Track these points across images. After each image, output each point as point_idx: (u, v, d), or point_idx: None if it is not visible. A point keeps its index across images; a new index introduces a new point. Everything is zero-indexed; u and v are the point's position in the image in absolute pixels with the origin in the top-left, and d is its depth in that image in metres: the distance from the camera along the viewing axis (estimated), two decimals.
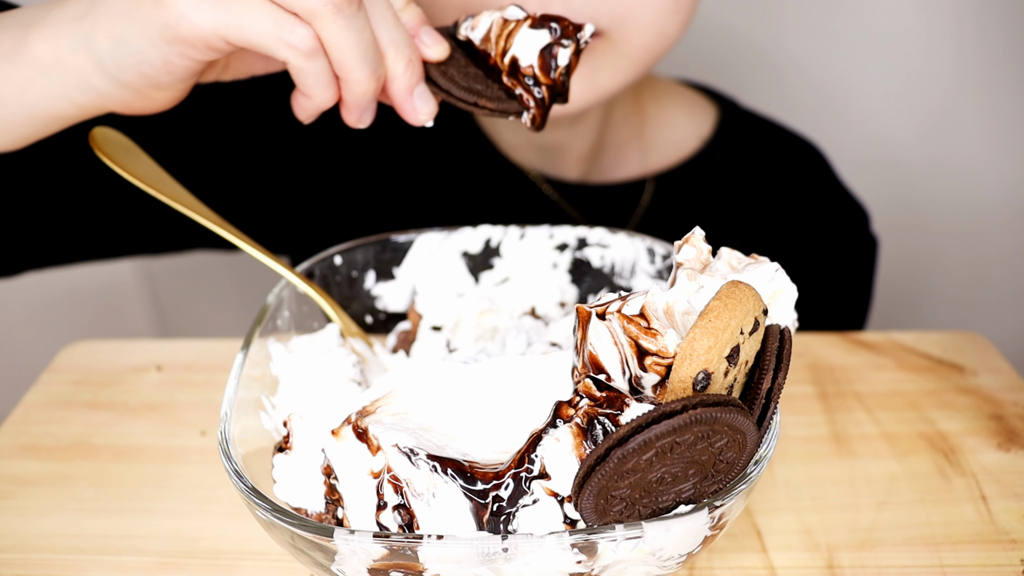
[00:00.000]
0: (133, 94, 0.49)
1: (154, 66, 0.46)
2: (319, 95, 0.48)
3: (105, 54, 0.46)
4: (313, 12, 0.43)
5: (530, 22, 0.51)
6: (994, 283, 1.38)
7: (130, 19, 0.45)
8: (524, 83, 0.51)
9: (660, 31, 0.66)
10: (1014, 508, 0.53)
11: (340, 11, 0.44)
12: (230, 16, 0.43)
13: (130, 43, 0.45)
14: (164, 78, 0.47)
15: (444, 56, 0.51)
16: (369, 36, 0.46)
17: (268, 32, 0.44)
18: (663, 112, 0.87)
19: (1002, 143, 1.27)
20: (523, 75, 0.51)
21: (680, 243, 0.42)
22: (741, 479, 0.38)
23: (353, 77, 0.46)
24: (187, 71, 0.47)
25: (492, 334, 0.59)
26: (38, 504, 0.54)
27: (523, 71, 0.51)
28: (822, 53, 1.23)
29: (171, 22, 0.44)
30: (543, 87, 0.51)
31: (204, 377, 0.66)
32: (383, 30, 0.47)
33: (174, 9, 0.43)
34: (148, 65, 0.46)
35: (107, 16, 0.46)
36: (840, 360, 0.67)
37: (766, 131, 0.91)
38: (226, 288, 1.43)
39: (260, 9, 0.43)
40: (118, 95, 0.49)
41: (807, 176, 0.90)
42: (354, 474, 0.42)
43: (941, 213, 1.33)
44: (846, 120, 1.28)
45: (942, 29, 1.20)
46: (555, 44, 0.50)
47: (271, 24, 0.44)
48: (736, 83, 1.11)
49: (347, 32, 0.44)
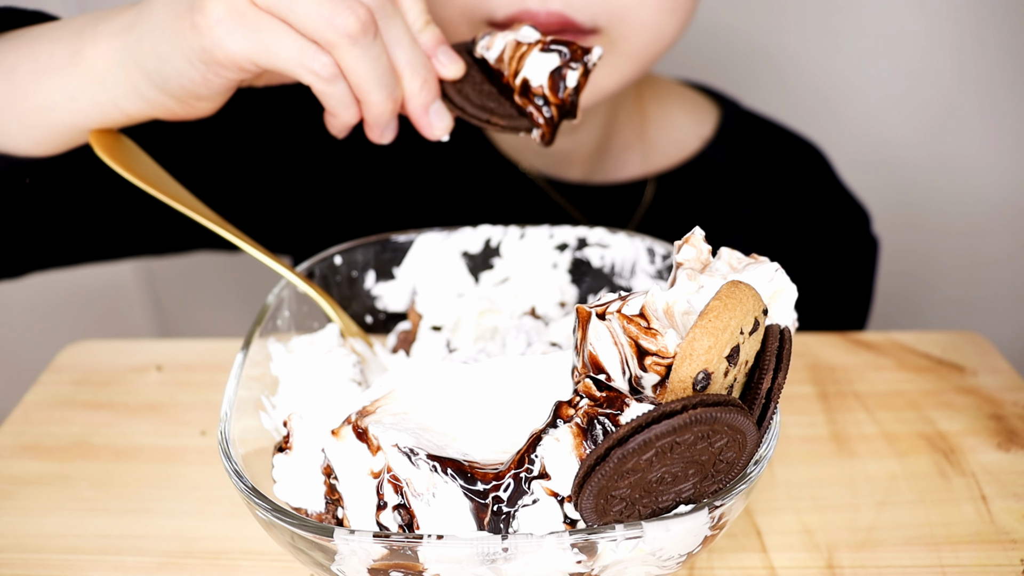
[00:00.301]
0: (177, 103, 0.53)
1: (194, 81, 0.51)
2: (342, 114, 0.52)
3: (151, 68, 0.51)
4: (332, 43, 0.48)
5: (540, 46, 0.53)
6: (994, 283, 1.38)
7: (172, 40, 0.49)
8: (535, 102, 0.54)
9: (658, 30, 0.66)
10: (1014, 508, 0.53)
11: (356, 42, 0.48)
12: (259, 43, 0.48)
13: (172, 61, 0.50)
14: (204, 91, 0.52)
15: (460, 75, 0.54)
16: (385, 62, 0.50)
17: (293, 59, 0.48)
18: (665, 112, 0.87)
19: (1002, 143, 1.27)
20: (534, 95, 0.54)
21: (680, 243, 0.42)
22: (741, 479, 0.38)
23: (371, 100, 0.51)
24: (223, 86, 0.52)
25: (492, 334, 0.59)
26: (38, 504, 0.54)
27: (534, 91, 0.54)
28: (822, 53, 1.23)
29: (207, 46, 0.48)
30: (552, 106, 0.54)
31: (204, 377, 0.66)
32: (400, 53, 0.51)
33: (209, 35, 0.48)
34: (188, 80, 0.51)
35: (151, 33, 0.50)
36: (840, 360, 0.67)
37: (767, 132, 0.91)
38: (226, 288, 1.43)
39: (286, 38, 0.48)
40: (164, 103, 0.53)
41: (808, 177, 0.90)
42: (354, 474, 0.42)
43: (941, 213, 1.33)
44: (846, 120, 1.28)
45: (942, 29, 1.20)
46: (564, 67, 0.53)
47: (296, 52, 0.48)
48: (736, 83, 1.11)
49: (363, 60, 0.49)
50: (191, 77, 0.51)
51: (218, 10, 0.48)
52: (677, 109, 0.88)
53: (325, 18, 0.47)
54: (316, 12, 0.47)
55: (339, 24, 0.47)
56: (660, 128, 0.87)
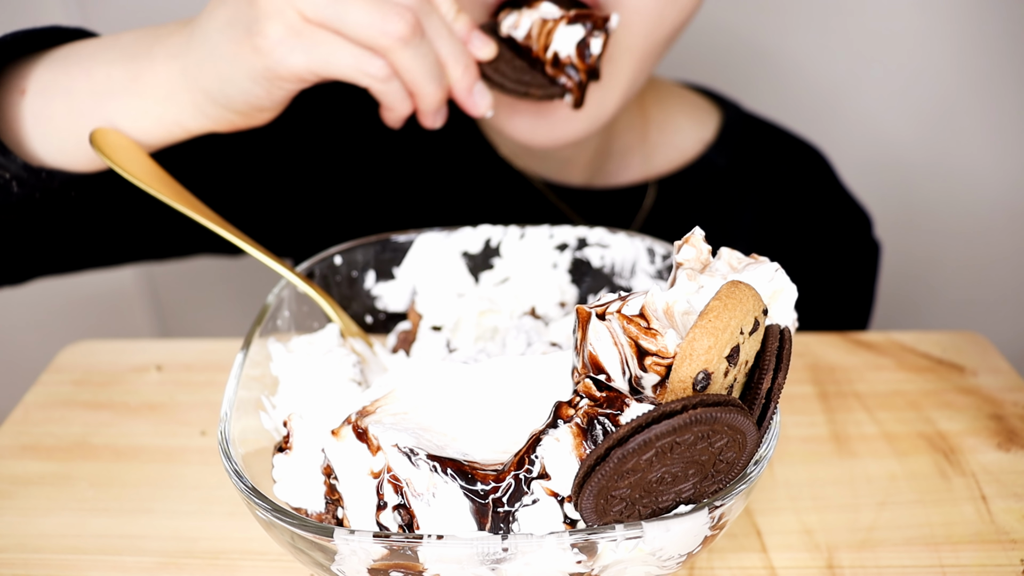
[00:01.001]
0: (240, 116, 0.57)
1: (259, 96, 0.55)
2: (399, 108, 0.57)
3: (214, 90, 0.55)
4: (385, 48, 0.53)
5: (566, 20, 0.60)
6: (994, 283, 1.38)
7: (233, 63, 0.53)
8: (565, 71, 0.61)
9: (659, 17, 0.65)
10: (1014, 508, 0.53)
11: (407, 44, 0.53)
12: (318, 57, 0.52)
13: (235, 82, 0.54)
14: (267, 103, 0.56)
15: (493, 55, 0.60)
16: (432, 57, 0.55)
17: (350, 66, 0.53)
18: (666, 116, 0.87)
19: (1002, 143, 1.27)
20: (563, 64, 0.61)
21: (680, 243, 0.42)
22: (741, 479, 0.38)
23: (425, 92, 0.56)
24: (285, 97, 0.56)
25: (492, 334, 0.59)
26: (38, 504, 0.54)
27: (563, 61, 0.61)
28: (822, 54, 1.23)
29: (270, 65, 0.52)
30: (581, 72, 0.61)
31: (204, 377, 0.66)
32: (442, 45, 0.56)
33: (272, 56, 0.52)
34: (253, 96, 0.55)
35: (211, 57, 0.54)
36: (840, 360, 0.67)
37: (769, 135, 0.90)
38: (226, 288, 1.43)
39: (342, 48, 0.52)
40: (227, 118, 0.57)
41: (810, 180, 0.90)
42: (354, 474, 0.42)
43: (941, 213, 1.33)
44: (846, 121, 1.28)
45: (942, 30, 1.20)
46: (588, 36, 0.60)
47: (352, 59, 0.53)
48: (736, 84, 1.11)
49: (415, 59, 0.54)
50: (256, 93, 0.55)
51: (276, 31, 0.51)
52: (678, 112, 0.88)
53: (376, 26, 0.51)
54: (367, 21, 0.51)
55: (390, 30, 0.52)
56: (661, 131, 0.87)
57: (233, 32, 0.53)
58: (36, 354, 0.91)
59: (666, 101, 0.87)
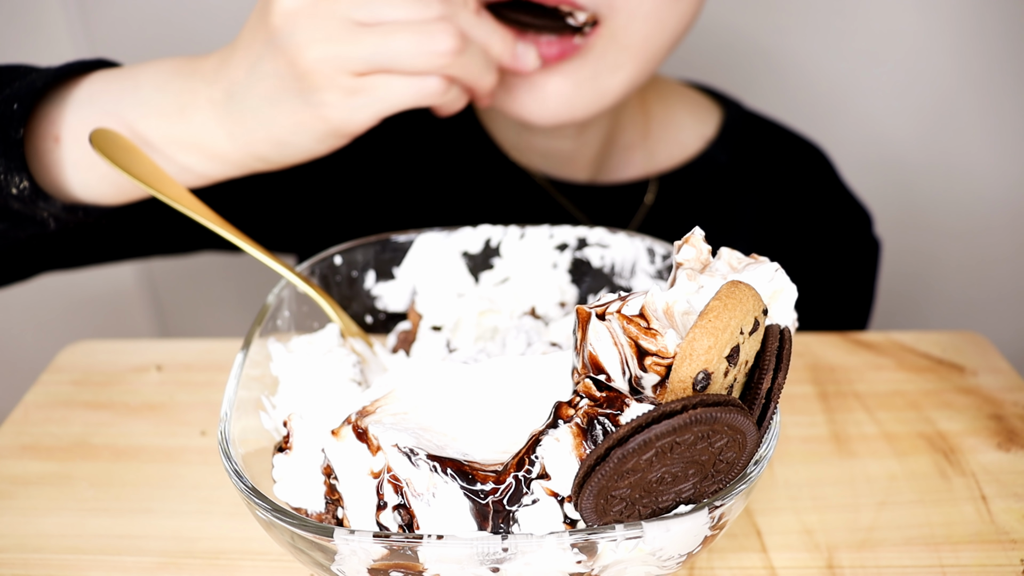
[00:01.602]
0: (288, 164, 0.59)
1: (322, 151, 0.57)
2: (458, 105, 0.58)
3: (272, 154, 0.57)
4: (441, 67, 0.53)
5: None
6: (994, 283, 1.38)
7: (296, 132, 0.55)
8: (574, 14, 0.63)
9: (659, 21, 0.65)
10: (1014, 508, 0.53)
11: (460, 53, 0.54)
12: (380, 103, 0.53)
13: (298, 146, 0.56)
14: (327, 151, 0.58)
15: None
16: (480, 53, 0.56)
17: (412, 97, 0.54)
18: (668, 113, 0.87)
19: (1002, 143, 1.27)
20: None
21: (680, 243, 0.42)
22: (741, 479, 0.38)
23: (481, 83, 0.57)
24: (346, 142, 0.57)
25: (492, 334, 0.59)
26: (38, 504, 0.54)
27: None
28: (822, 53, 1.23)
29: (339, 128, 0.54)
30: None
31: (204, 377, 0.66)
32: (478, 33, 0.56)
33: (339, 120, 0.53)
34: (316, 152, 0.57)
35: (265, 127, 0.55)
36: (840, 360, 0.67)
37: (770, 132, 0.91)
38: (226, 288, 1.43)
39: (400, 84, 0.53)
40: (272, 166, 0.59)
41: (811, 178, 0.90)
42: (354, 474, 0.42)
43: (941, 213, 1.33)
44: (846, 120, 1.28)
45: (942, 29, 1.20)
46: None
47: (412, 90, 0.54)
48: (737, 83, 1.11)
49: (468, 64, 0.55)
50: (320, 151, 0.57)
51: (335, 97, 0.52)
52: (680, 109, 0.88)
53: (426, 49, 0.52)
54: (415, 49, 0.52)
55: (441, 49, 0.52)
56: (663, 128, 0.87)
57: (289, 105, 0.54)
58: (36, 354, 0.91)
59: (668, 98, 0.88)
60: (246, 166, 0.59)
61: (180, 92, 0.57)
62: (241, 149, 0.57)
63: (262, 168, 0.59)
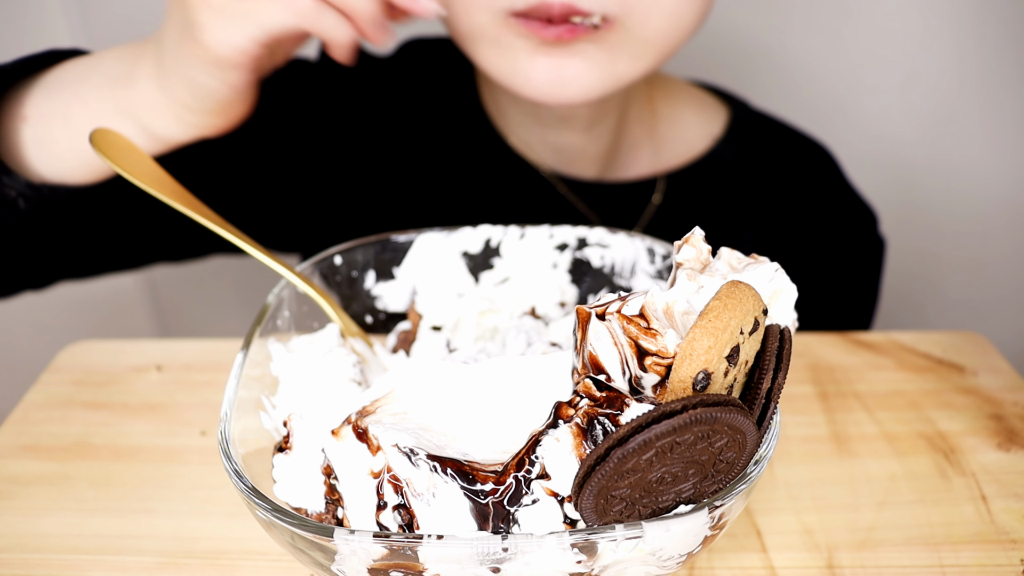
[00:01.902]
0: (218, 117, 0.60)
1: (218, 89, 0.57)
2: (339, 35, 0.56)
3: (186, 98, 0.58)
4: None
5: None
6: (995, 283, 1.38)
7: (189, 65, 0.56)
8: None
9: (678, 17, 0.65)
10: (1014, 508, 0.53)
11: None
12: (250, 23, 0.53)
13: (197, 83, 0.57)
14: (233, 95, 0.58)
15: None
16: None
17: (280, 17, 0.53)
18: (675, 111, 0.87)
19: (1003, 143, 1.27)
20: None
21: (680, 243, 0.42)
22: (741, 479, 0.38)
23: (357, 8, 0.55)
24: (246, 82, 0.57)
25: (492, 334, 0.59)
26: (38, 504, 0.54)
27: None
28: (824, 53, 1.23)
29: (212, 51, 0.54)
30: None
31: (204, 377, 0.66)
32: None
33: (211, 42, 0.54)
34: (214, 91, 0.57)
35: (174, 67, 0.57)
36: (840, 360, 0.67)
37: (777, 132, 0.91)
38: (226, 288, 1.43)
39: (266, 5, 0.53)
40: (208, 122, 0.60)
41: (816, 177, 0.91)
42: (354, 474, 0.42)
43: (942, 213, 1.33)
44: (848, 119, 1.28)
45: (943, 29, 1.20)
46: None
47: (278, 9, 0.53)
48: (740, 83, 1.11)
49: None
50: (214, 87, 0.57)
51: (207, 17, 0.53)
52: (687, 108, 0.88)
53: None
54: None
55: None
56: (670, 127, 0.87)
57: (181, 37, 0.55)
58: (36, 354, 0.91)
59: (674, 97, 0.88)
60: (180, 119, 0.60)
61: (132, 60, 0.61)
62: (169, 98, 0.59)
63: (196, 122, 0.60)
